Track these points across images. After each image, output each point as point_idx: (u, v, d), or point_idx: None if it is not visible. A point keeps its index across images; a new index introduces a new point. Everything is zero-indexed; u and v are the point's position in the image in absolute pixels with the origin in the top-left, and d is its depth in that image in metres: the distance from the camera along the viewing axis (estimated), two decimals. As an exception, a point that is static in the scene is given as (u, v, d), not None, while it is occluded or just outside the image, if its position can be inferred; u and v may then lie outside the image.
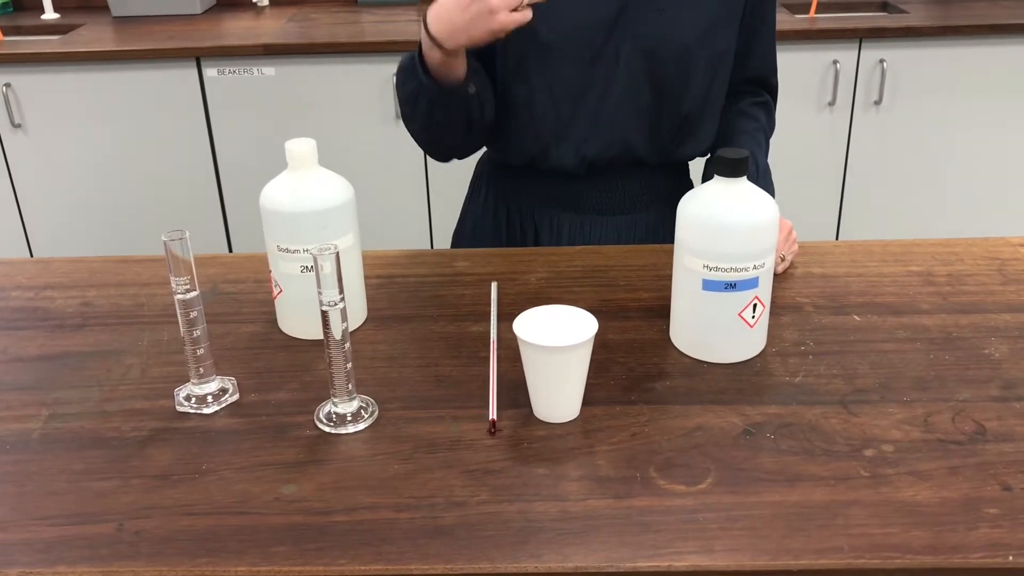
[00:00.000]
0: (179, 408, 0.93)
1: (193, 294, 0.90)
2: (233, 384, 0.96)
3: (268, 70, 2.66)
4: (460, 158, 1.33)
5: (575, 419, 0.90)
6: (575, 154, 1.27)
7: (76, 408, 0.93)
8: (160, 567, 0.73)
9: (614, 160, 1.28)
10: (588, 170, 1.28)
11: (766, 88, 1.38)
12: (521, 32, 1.21)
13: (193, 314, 0.91)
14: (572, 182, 1.30)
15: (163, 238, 0.86)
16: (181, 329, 0.91)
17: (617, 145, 1.27)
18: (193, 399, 0.93)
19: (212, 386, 0.94)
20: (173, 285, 0.89)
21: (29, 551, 0.75)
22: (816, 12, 2.89)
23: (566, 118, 1.25)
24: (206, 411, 0.92)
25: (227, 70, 2.65)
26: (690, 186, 1.37)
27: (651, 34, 1.21)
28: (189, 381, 0.94)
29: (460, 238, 1.45)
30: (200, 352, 0.93)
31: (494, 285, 1.14)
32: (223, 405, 0.93)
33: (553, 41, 1.20)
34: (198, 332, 0.92)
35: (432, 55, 1.15)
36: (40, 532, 0.77)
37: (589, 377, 0.90)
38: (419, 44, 1.17)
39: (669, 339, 1.03)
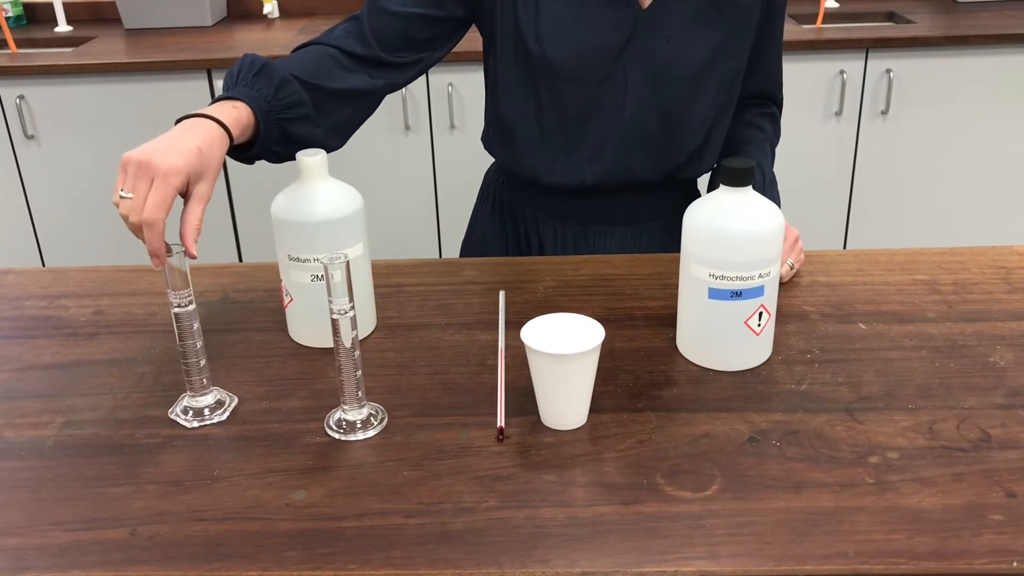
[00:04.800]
0: (171, 416, 0.94)
1: (191, 307, 0.91)
2: (231, 397, 0.96)
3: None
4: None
5: (582, 426, 0.91)
6: (577, 175, 1.27)
7: (89, 415, 0.95)
8: (172, 571, 0.74)
9: (615, 183, 1.29)
10: (590, 190, 1.29)
11: (772, 101, 1.39)
12: (532, 52, 1.22)
13: (193, 326, 0.91)
14: (575, 197, 1.31)
15: None
16: (177, 341, 0.92)
17: (620, 170, 1.27)
18: (190, 412, 0.94)
19: (208, 399, 0.95)
20: (171, 298, 0.90)
21: (44, 556, 0.76)
22: (823, 22, 2.90)
23: (572, 139, 1.26)
24: (195, 424, 0.92)
25: (237, 81, 2.68)
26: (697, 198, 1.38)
27: (659, 60, 1.21)
28: (186, 393, 0.95)
29: (468, 247, 1.46)
30: (202, 363, 0.93)
31: (502, 294, 1.15)
32: (212, 421, 0.93)
33: (562, 63, 1.21)
34: (198, 344, 0.92)
35: None
36: (55, 537, 0.78)
37: (596, 385, 0.91)
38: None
39: (676, 347, 1.04)
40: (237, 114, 1.04)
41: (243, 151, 1.10)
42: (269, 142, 1.09)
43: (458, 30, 1.28)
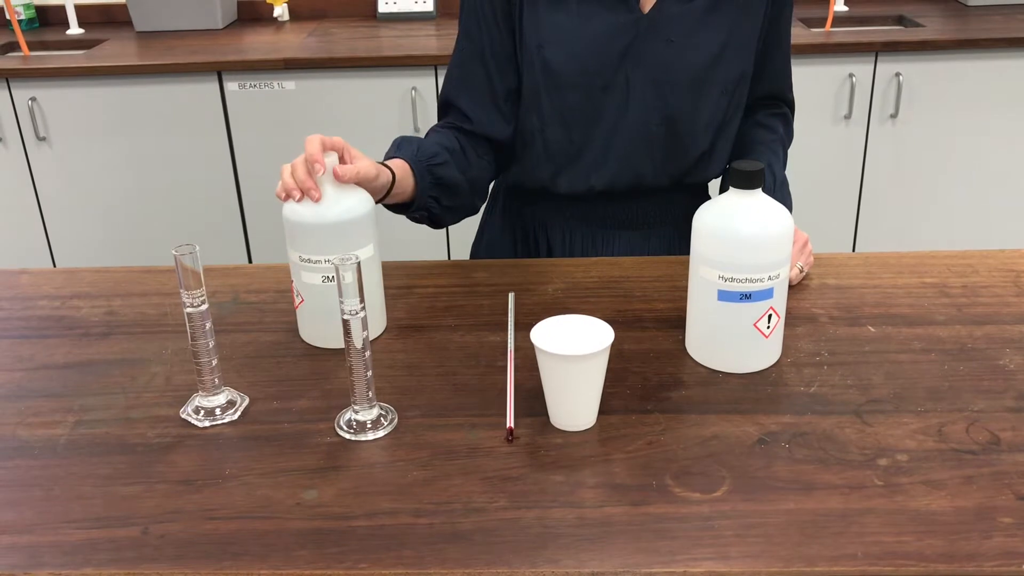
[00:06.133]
0: (183, 416, 0.94)
1: (203, 307, 0.91)
2: (242, 397, 0.97)
3: (288, 84, 2.69)
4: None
5: (592, 427, 0.91)
6: (584, 182, 1.28)
7: (102, 415, 0.95)
8: (184, 570, 0.75)
9: (624, 188, 1.29)
10: (599, 196, 1.30)
11: (783, 102, 1.39)
12: (533, 62, 1.22)
13: (206, 326, 0.92)
14: (583, 202, 1.32)
15: (174, 252, 0.88)
16: (189, 340, 0.93)
17: (627, 175, 1.28)
18: (202, 411, 0.95)
19: (220, 399, 0.96)
20: (184, 298, 0.90)
21: (57, 553, 0.77)
22: (832, 26, 2.89)
23: (577, 146, 1.26)
24: (206, 424, 0.93)
25: (248, 84, 2.69)
26: (707, 201, 1.38)
27: (661, 63, 1.22)
28: (198, 392, 0.96)
29: (478, 250, 1.46)
30: (214, 363, 0.94)
31: (511, 295, 1.15)
32: (223, 420, 0.94)
33: (564, 70, 1.21)
34: (210, 344, 0.93)
35: None
36: (68, 535, 0.79)
37: (605, 386, 0.91)
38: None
39: (685, 349, 1.04)
40: (393, 161, 1.17)
41: (407, 207, 1.20)
42: (425, 187, 1.19)
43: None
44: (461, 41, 1.28)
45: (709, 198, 1.39)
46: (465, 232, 2.90)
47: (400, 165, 1.16)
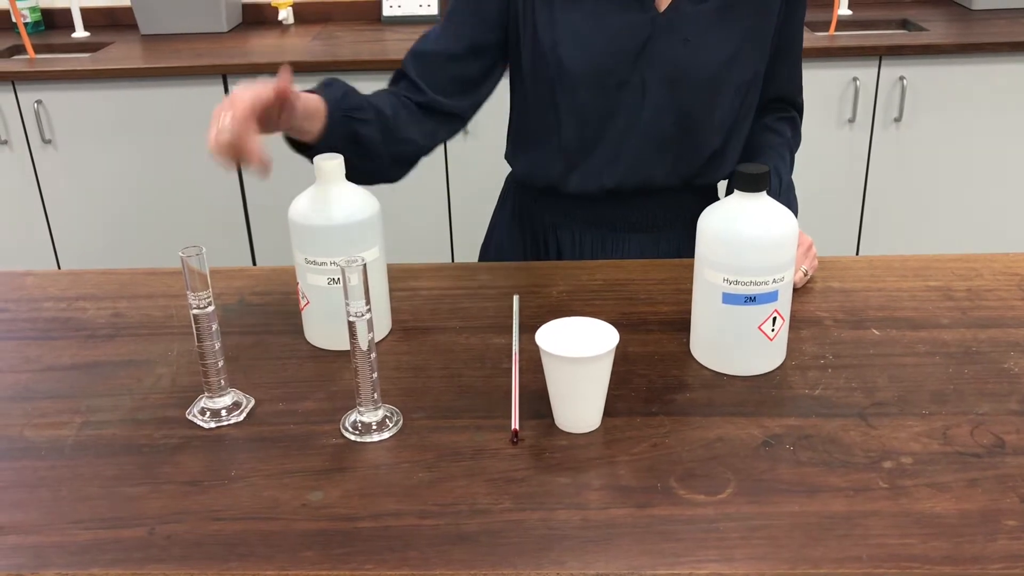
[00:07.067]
0: (188, 417, 0.95)
1: (210, 309, 0.92)
2: (247, 398, 0.97)
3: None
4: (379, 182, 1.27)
5: (596, 430, 0.91)
6: (595, 180, 1.28)
7: (108, 416, 0.96)
8: (190, 570, 0.75)
9: (634, 188, 1.29)
10: (608, 195, 1.30)
11: (792, 105, 1.39)
12: (549, 60, 1.23)
13: (212, 327, 0.92)
14: (594, 204, 1.32)
15: (180, 254, 0.88)
16: (195, 342, 0.93)
17: (638, 174, 1.28)
18: (208, 413, 0.95)
19: (226, 400, 0.96)
20: (190, 300, 0.91)
21: (64, 554, 0.77)
22: (836, 29, 2.90)
23: (590, 145, 1.27)
24: (212, 425, 0.93)
25: (252, 87, 2.69)
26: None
27: (677, 63, 1.22)
28: (204, 394, 0.96)
29: (486, 251, 1.47)
30: (220, 365, 0.94)
31: (516, 298, 1.15)
32: (229, 422, 0.94)
33: (580, 69, 1.22)
34: (216, 345, 0.93)
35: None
36: (75, 535, 0.79)
37: (610, 389, 0.91)
38: None
39: (689, 352, 1.04)
40: (308, 95, 1.10)
41: (309, 149, 1.14)
42: (335, 136, 1.13)
43: (500, 60, 1.30)
44: (439, 27, 1.28)
45: (718, 198, 1.39)
46: (471, 234, 2.91)
47: (316, 103, 1.11)
